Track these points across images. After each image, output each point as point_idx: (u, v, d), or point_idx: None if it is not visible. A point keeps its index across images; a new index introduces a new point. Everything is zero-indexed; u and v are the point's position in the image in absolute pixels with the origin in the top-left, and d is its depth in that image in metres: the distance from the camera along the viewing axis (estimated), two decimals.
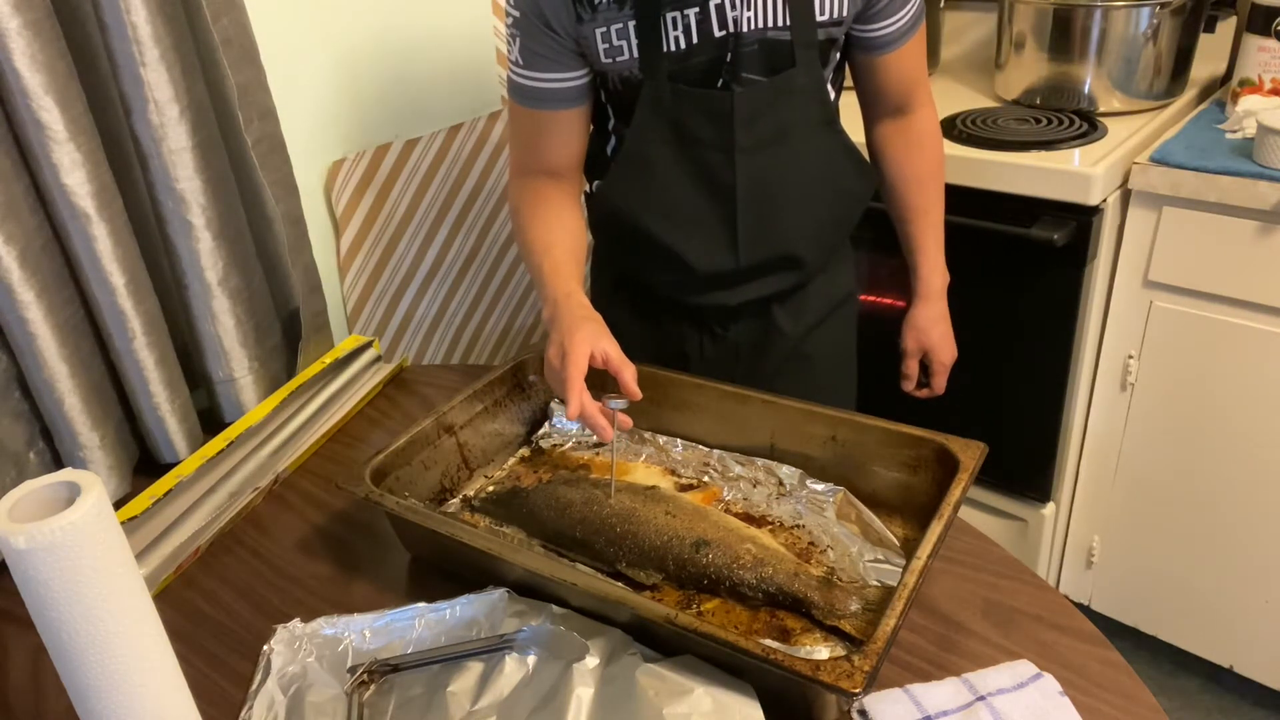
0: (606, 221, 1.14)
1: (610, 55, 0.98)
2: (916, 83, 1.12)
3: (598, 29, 0.97)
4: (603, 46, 0.98)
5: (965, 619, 0.79)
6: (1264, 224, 1.35)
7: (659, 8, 0.95)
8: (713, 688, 0.69)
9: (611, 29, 0.97)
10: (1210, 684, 1.72)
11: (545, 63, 1.01)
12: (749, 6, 0.95)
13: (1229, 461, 1.52)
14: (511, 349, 1.71)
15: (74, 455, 1.01)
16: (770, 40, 0.97)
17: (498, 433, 1.04)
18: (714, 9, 0.95)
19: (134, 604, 0.62)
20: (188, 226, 1.05)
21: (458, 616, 0.80)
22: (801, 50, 0.98)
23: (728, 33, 0.96)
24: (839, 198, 1.11)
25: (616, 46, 0.98)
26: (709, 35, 0.96)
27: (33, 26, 0.87)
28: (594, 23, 0.97)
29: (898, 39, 1.06)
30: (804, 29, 0.98)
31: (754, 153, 1.02)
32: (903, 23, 1.05)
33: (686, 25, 0.95)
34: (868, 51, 1.07)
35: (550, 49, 1.00)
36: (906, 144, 1.15)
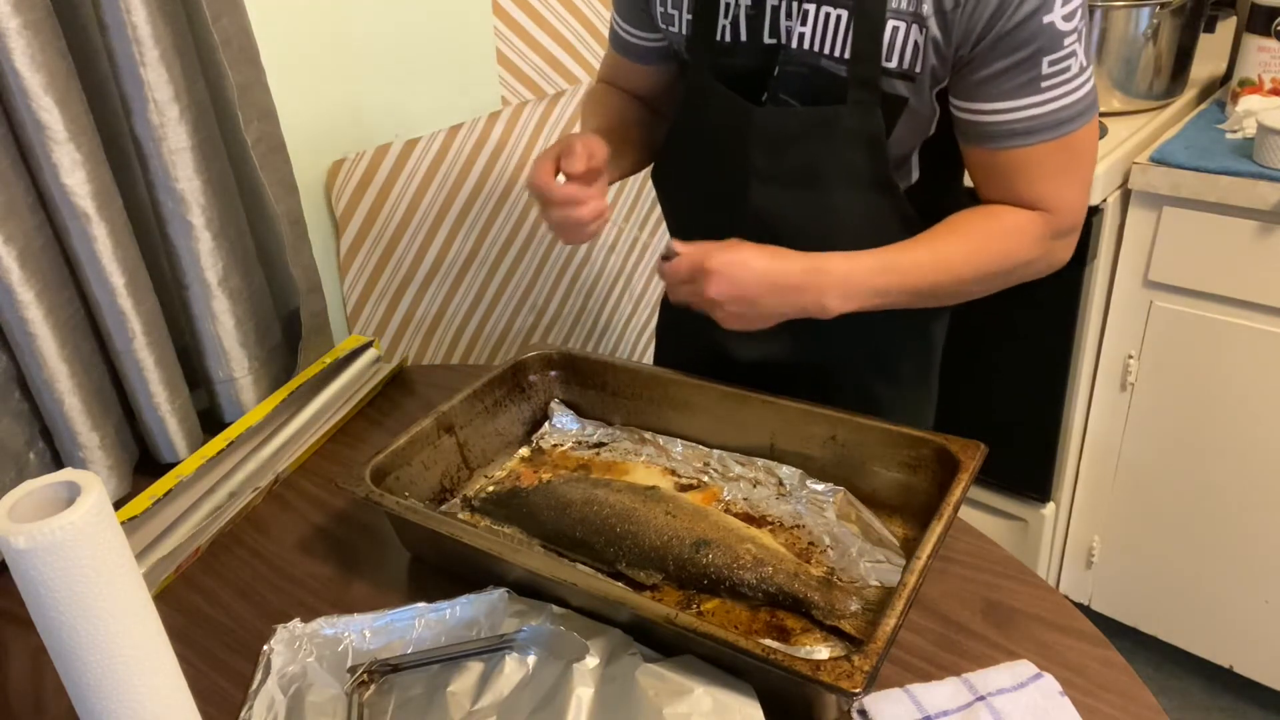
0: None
1: (665, 22, 0.93)
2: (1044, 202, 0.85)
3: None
4: (659, 10, 0.93)
5: (965, 619, 0.79)
6: (1264, 224, 1.35)
7: None
8: (713, 688, 0.69)
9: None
10: (1210, 684, 1.72)
11: (626, 10, 1.00)
12: (804, 21, 0.83)
13: (1229, 461, 1.52)
14: (511, 349, 1.71)
15: (74, 455, 1.02)
16: (823, 70, 0.85)
17: (498, 433, 1.04)
18: (769, 9, 0.85)
19: (134, 604, 0.62)
20: (188, 226, 1.05)
21: (458, 616, 0.80)
22: (856, 90, 0.84)
23: (778, 41, 0.86)
24: None
25: (670, 15, 0.92)
26: (758, 37, 0.87)
27: (33, 26, 0.87)
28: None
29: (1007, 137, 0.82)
30: (864, 68, 0.83)
31: (774, 185, 0.91)
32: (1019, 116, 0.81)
33: (736, 17, 0.86)
34: (969, 141, 0.86)
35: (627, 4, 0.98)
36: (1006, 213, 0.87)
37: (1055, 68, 0.79)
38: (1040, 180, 0.84)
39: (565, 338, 1.83)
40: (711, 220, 0.95)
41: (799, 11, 0.83)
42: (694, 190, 0.99)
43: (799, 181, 0.90)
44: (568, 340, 1.84)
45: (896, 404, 1.06)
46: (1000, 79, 0.80)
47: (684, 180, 1.01)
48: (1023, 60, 0.78)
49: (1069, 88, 0.80)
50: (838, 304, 0.83)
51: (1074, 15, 0.78)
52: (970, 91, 0.82)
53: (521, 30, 1.54)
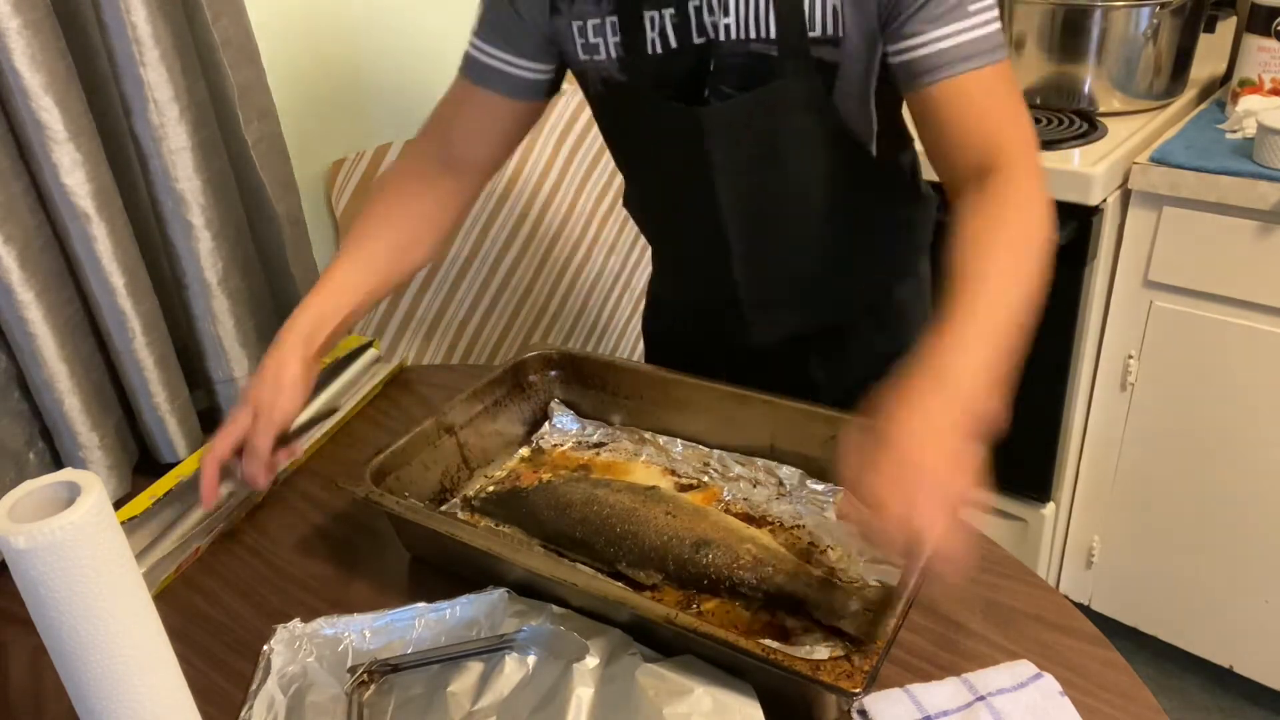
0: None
1: (588, 52, 0.91)
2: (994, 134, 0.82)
3: (574, 22, 0.90)
4: (580, 42, 0.91)
5: (965, 619, 0.79)
6: (1264, 224, 1.35)
7: (638, 4, 0.86)
8: (713, 688, 0.69)
9: (589, 24, 0.90)
10: (1210, 684, 1.72)
11: (500, 40, 0.95)
12: (727, 12, 0.84)
13: (1229, 461, 1.52)
14: (511, 349, 1.71)
15: (74, 455, 1.01)
16: (755, 53, 0.86)
17: (498, 433, 1.03)
18: (692, 10, 0.85)
19: (134, 604, 0.62)
20: (188, 226, 1.05)
21: (458, 616, 0.80)
22: (789, 62, 0.85)
23: (706, 39, 0.86)
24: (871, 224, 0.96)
25: (593, 44, 0.90)
26: (688, 40, 0.87)
27: (33, 26, 0.87)
28: (570, 15, 0.90)
29: (945, 65, 0.81)
30: (792, 42, 0.84)
31: (738, 174, 0.91)
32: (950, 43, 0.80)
33: (663, 27, 0.87)
34: (911, 81, 0.83)
35: (511, 28, 0.93)
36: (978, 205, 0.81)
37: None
38: (992, 115, 0.82)
39: (565, 338, 1.83)
40: (687, 226, 0.97)
41: (719, 4, 0.84)
42: (665, 203, 0.99)
43: (759, 164, 0.91)
44: (568, 340, 1.84)
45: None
46: (927, 8, 0.80)
47: (653, 197, 1.01)
48: None
49: (991, 14, 0.81)
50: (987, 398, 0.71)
51: None
52: (901, 31, 0.82)
53: None
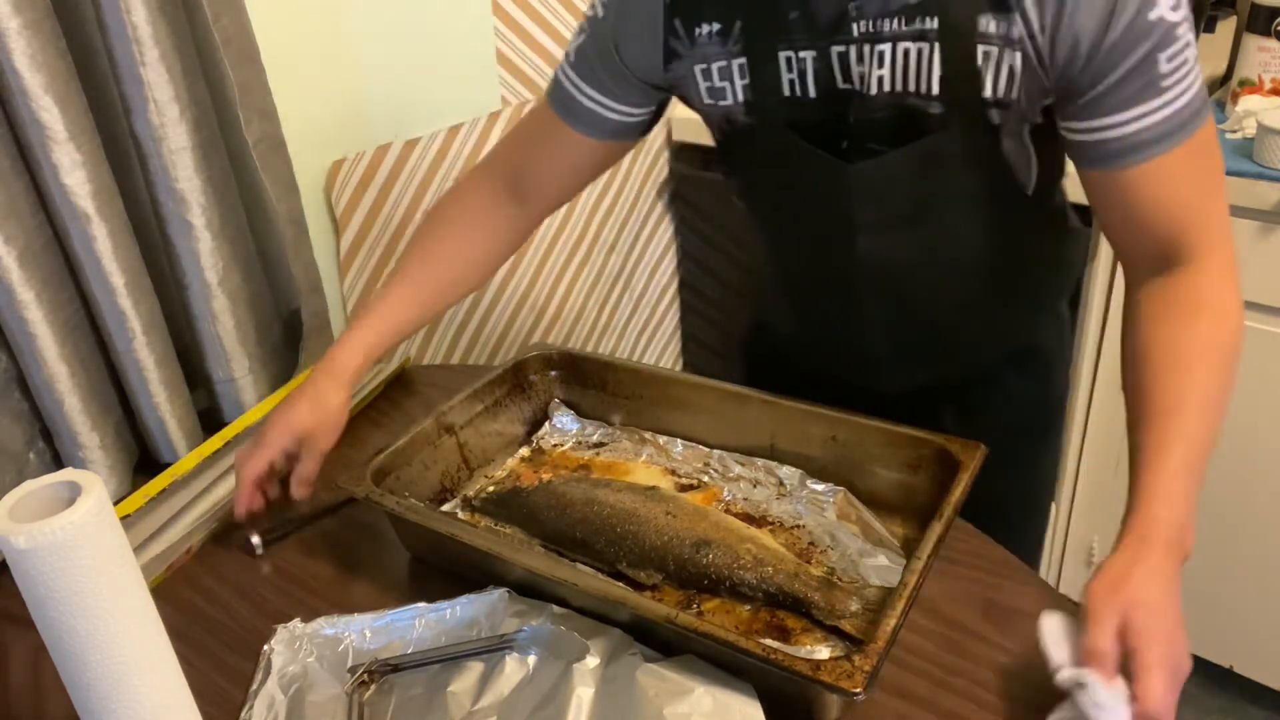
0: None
1: (714, 97, 0.84)
2: (1186, 221, 0.75)
3: (697, 66, 0.83)
4: (704, 85, 0.84)
5: (965, 619, 0.79)
6: (1264, 224, 1.35)
7: (772, 42, 0.79)
8: (713, 688, 0.69)
9: (714, 66, 0.83)
10: (1210, 684, 1.72)
11: (597, 82, 0.89)
12: (881, 64, 0.76)
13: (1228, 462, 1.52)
14: (511, 349, 1.71)
15: (74, 455, 1.01)
16: (910, 108, 0.77)
17: (498, 433, 1.03)
18: (835, 56, 0.77)
19: (135, 604, 0.62)
20: (188, 226, 1.05)
21: (458, 616, 0.80)
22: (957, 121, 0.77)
23: (851, 88, 0.78)
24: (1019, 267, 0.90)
25: (719, 88, 0.83)
26: (831, 87, 0.79)
27: (33, 26, 0.87)
28: (692, 59, 0.83)
29: (1133, 150, 0.72)
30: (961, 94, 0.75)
31: (883, 232, 0.85)
32: (1140, 124, 0.71)
33: (802, 70, 0.79)
34: (1092, 165, 0.75)
35: (610, 74, 0.88)
36: (1165, 305, 0.76)
37: (1174, 63, 0.70)
38: (1183, 200, 0.74)
39: (565, 338, 1.83)
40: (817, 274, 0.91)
41: (873, 54, 0.76)
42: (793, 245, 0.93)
43: (909, 222, 0.84)
44: (568, 340, 1.84)
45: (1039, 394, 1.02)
46: (1118, 89, 0.71)
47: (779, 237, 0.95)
48: (1139, 63, 0.70)
49: (1189, 80, 0.71)
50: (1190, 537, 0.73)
51: (1181, 3, 0.69)
52: (1086, 110, 0.73)
53: (521, 30, 1.54)
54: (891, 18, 0.75)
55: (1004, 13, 0.72)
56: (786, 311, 1.04)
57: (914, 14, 0.74)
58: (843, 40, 0.77)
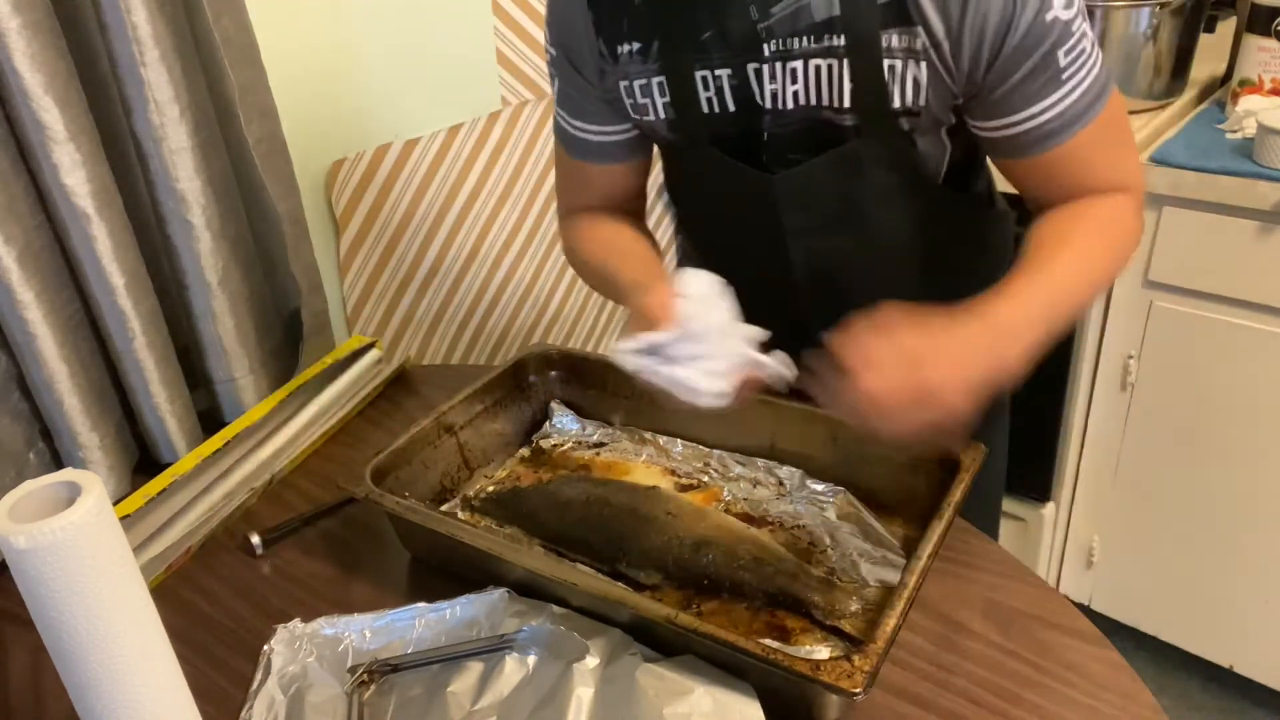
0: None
1: (638, 112, 0.88)
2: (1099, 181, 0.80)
3: (621, 82, 0.87)
4: (628, 101, 0.87)
5: (965, 619, 0.79)
6: (1264, 224, 1.35)
7: (689, 62, 0.82)
8: (713, 688, 0.69)
9: (635, 84, 0.86)
10: (1210, 684, 1.72)
11: (581, 110, 0.91)
12: (794, 80, 0.79)
13: (1229, 461, 1.52)
14: (511, 349, 1.71)
15: (74, 455, 1.01)
16: (825, 121, 0.81)
17: (498, 433, 1.03)
18: (751, 73, 0.81)
19: (134, 604, 0.62)
20: (188, 226, 1.05)
21: (458, 616, 0.80)
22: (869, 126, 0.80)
23: (764, 105, 0.82)
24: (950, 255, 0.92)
25: (642, 104, 0.87)
26: (748, 102, 0.82)
27: (33, 26, 0.87)
28: (616, 74, 0.86)
29: (1039, 142, 0.77)
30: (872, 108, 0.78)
31: (812, 237, 0.87)
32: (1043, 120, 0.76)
33: (719, 87, 0.82)
34: (1006, 155, 0.81)
35: (584, 96, 0.90)
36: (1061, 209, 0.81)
37: (1071, 56, 0.74)
38: (1096, 166, 0.80)
39: (565, 338, 1.83)
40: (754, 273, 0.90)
41: (785, 71, 0.80)
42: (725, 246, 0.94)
43: (836, 225, 0.87)
44: (568, 340, 1.84)
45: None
46: (1021, 87, 0.75)
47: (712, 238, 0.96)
48: (1039, 62, 0.74)
49: (1088, 67, 0.75)
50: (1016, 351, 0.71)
51: (1072, 1, 0.74)
52: (994, 109, 0.78)
53: (521, 30, 1.54)
54: (800, 36, 0.78)
55: (907, 26, 0.75)
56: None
57: (821, 31, 0.77)
58: (755, 59, 0.80)
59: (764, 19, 0.78)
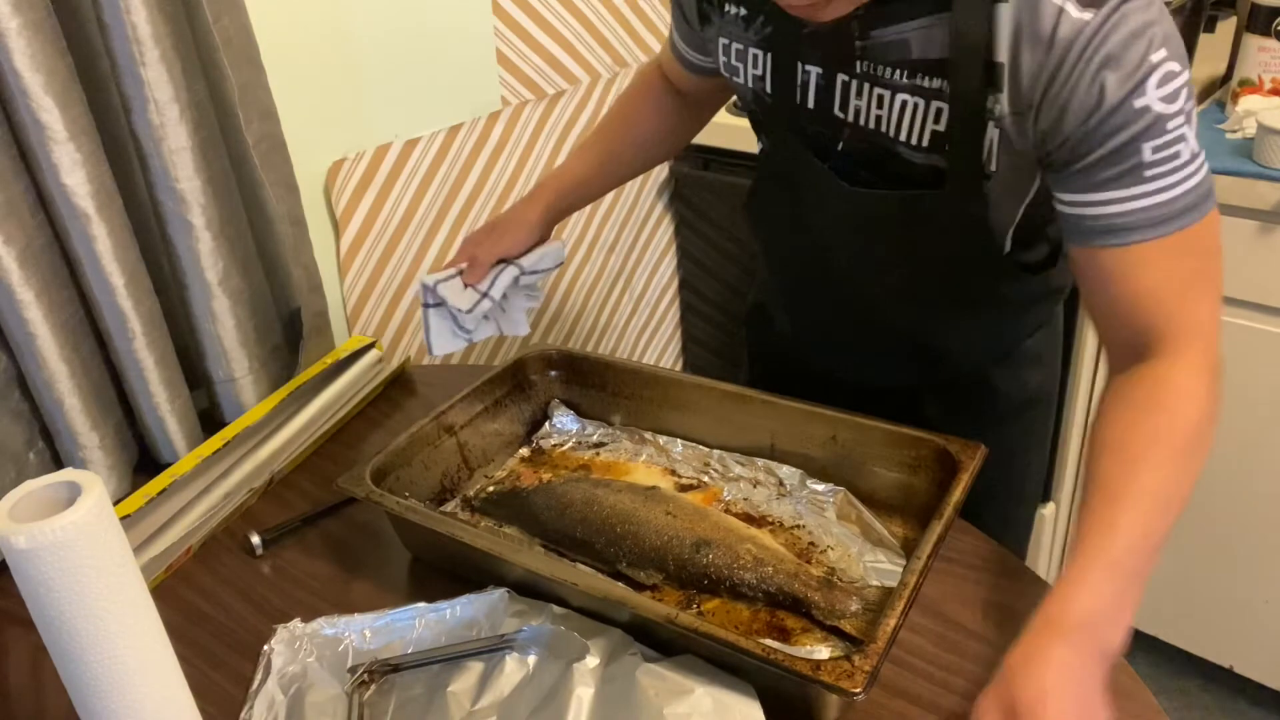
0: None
1: (729, 71, 0.89)
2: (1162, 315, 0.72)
3: (720, 38, 0.88)
4: (722, 59, 0.90)
5: (965, 619, 0.79)
6: (1264, 224, 1.35)
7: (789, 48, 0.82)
8: (713, 688, 0.69)
9: (733, 46, 0.87)
10: (1210, 684, 1.72)
11: (680, 26, 0.99)
12: (880, 105, 0.78)
13: (1228, 462, 1.52)
14: (512, 349, 1.71)
15: (74, 455, 1.01)
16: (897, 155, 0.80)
17: (498, 433, 1.03)
18: (839, 83, 0.80)
19: (135, 604, 0.62)
20: (188, 226, 1.05)
21: (458, 616, 0.80)
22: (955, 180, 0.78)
23: (844, 117, 0.81)
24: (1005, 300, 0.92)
25: (735, 66, 0.88)
26: (827, 109, 0.82)
27: (33, 26, 0.87)
28: (718, 30, 0.88)
29: (1113, 232, 0.71)
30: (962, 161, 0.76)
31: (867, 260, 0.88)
32: (1120, 208, 0.70)
33: (806, 83, 0.83)
34: (1071, 239, 0.75)
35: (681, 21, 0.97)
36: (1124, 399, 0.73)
37: (1160, 154, 0.68)
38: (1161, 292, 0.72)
39: (565, 338, 1.83)
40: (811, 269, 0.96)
41: (872, 93, 0.78)
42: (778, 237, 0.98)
43: (895, 259, 0.87)
44: (568, 340, 1.84)
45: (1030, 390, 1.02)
46: (1096, 169, 0.70)
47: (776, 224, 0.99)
48: (1120, 148, 0.68)
49: (1181, 175, 0.69)
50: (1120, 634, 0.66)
51: (1177, 96, 0.67)
52: (1068, 182, 0.73)
53: (521, 30, 1.54)
54: (894, 67, 0.76)
55: (994, 90, 0.72)
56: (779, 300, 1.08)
57: (916, 70, 0.75)
58: (847, 71, 0.80)
59: (862, 38, 0.77)
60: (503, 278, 1.01)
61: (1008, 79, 0.71)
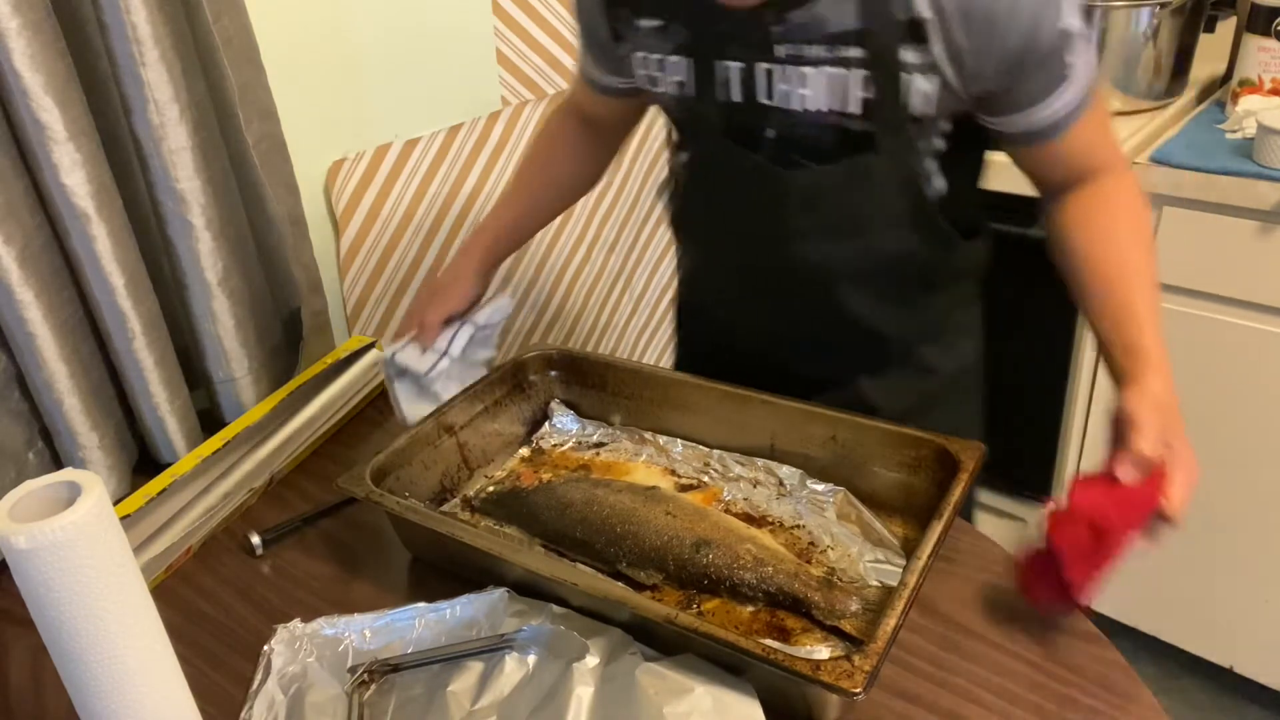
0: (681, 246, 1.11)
1: (648, 84, 0.92)
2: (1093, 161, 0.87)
3: (636, 52, 0.91)
4: (641, 72, 0.92)
5: (965, 619, 0.79)
6: (1264, 224, 1.35)
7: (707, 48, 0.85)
8: (713, 687, 0.69)
9: (650, 57, 0.90)
10: (1210, 684, 1.72)
11: (590, 52, 1.00)
12: (805, 84, 0.82)
13: (1228, 462, 1.52)
14: (512, 349, 1.71)
15: (73, 455, 1.01)
16: (831, 126, 0.84)
17: (498, 433, 1.04)
18: (762, 73, 0.83)
19: (135, 604, 0.62)
20: (188, 226, 1.05)
21: (458, 616, 0.80)
22: (885, 139, 0.83)
23: (771, 104, 0.85)
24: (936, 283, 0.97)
25: (655, 77, 0.91)
26: (752, 98, 0.85)
27: (33, 26, 0.87)
28: (633, 44, 0.91)
29: (1049, 132, 0.83)
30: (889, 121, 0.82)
31: (813, 239, 0.90)
32: (1050, 113, 0.81)
33: (727, 79, 0.86)
34: (1013, 144, 0.86)
35: (594, 46, 0.99)
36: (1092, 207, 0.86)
37: (1076, 55, 0.79)
38: (1096, 146, 0.86)
39: (565, 338, 1.83)
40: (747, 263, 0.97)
41: (797, 75, 0.82)
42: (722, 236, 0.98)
43: (839, 233, 0.90)
44: (568, 340, 1.84)
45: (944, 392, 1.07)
46: (1029, 87, 0.80)
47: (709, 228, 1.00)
48: (1050, 66, 0.79)
49: (1090, 63, 0.81)
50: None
51: (1080, 13, 0.78)
52: (1005, 107, 0.82)
53: (521, 30, 1.54)
54: (814, 44, 0.81)
55: (921, 44, 0.78)
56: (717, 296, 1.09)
57: (835, 42, 0.80)
58: (767, 59, 0.83)
59: (777, 23, 0.81)
60: (460, 335, 1.03)
61: (939, 32, 0.77)
